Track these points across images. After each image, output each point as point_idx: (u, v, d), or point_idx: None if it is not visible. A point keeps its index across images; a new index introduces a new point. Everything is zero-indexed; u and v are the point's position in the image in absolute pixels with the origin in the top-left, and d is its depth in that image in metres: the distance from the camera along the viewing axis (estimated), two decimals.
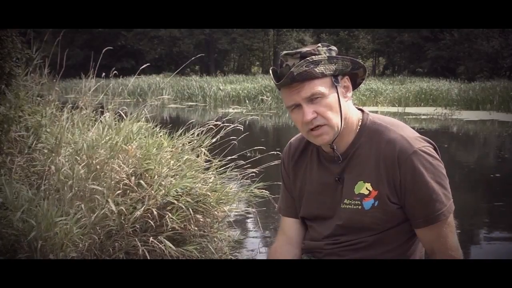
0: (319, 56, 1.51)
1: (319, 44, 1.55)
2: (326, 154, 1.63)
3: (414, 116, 15.95)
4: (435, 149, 1.55)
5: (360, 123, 1.60)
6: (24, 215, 2.80)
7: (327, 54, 1.52)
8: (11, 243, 2.79)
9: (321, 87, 1.50)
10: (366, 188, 1.55)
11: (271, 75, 1.55)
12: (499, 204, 5.90)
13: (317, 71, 1.49)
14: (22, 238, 2.77)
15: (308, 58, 1.49)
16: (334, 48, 1.56)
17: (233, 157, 4.00)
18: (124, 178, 3.22)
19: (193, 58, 5.66)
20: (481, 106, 18.15)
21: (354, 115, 1.60)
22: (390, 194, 1.52)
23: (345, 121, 1.55)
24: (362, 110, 1.63)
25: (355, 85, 1.63)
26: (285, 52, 1.54)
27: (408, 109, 18.16)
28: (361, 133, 1.59)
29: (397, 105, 18.93)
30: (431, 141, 1.56)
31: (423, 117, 15.85)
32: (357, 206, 1.56)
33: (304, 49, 1.52)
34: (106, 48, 4.09)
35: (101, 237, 3.03)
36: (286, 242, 1.74)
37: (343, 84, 1.56)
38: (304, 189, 1.69)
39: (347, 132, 1.58)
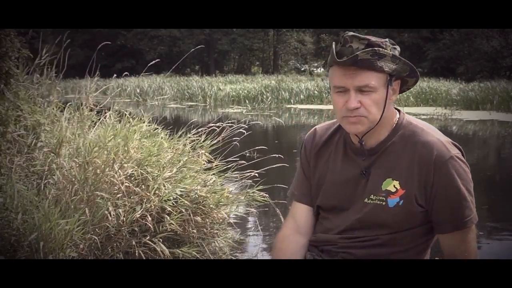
0: (385, 50, 1.49)
1: (387, 39, 1.54)
2: (354, 146, 1.63)
3: (414, 116, 15.88)
4: (463, 155, 1.56)
5: (395, 122, 1.60)
6: (26, 216, 2.80)
7: (392, 52, 1.51)
8: (11, 243, 2.79)
9: (375, 81, 1.49)
10: (394, 186, 1.54)
11: (332, 50, 1.49)
12: (499, 204, 5.90)
13: (379, 64, 1.48)
14: (22, 238, 2.77)
15: (375, 48, 1.47)
16: (398, 48, 1.55)
17: (233, 158, 3.99)
18: (124, 181, 3.22)
19: (192, 49, 5.59)
20: (481, 106, 18.13)
21: (391, 115, 1.60)
22: (418, 195, 1.52)
23: (382, 120, 1.55)
24: (398, 110, 1.64)
25: (400, 92, 1.63)
26: (352, 33, 1.50)
27: (408, 109, 18.11)
28: (396, 131, 1.59)
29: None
30: (460, 147, 1.57)
31: (423, 117, 15.82)
32: (381, 202, 1.55)
33: (373, 39, 1.50)
34: (102, 43, 4.08)
35: (101, 238, 3.02)
36: (295, 231, 1.73)
37: (394, 86, 1.56)
38: (324, 178, 1.67)
39: (380, 129, 1.57)
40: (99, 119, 3.91)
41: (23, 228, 2.77)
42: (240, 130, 4.09)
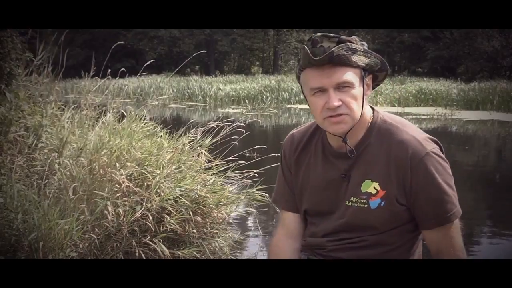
0: (356, 45, 1.49)
1: (354, 36, 1.54)
2: (333, 149, 1.61)
3: (414, 116, 15.94)
4: (441, 149, 1.54)
5: (370, 121, 1.58)
6: (26, 216, 2.81)
7: (362, 47, 1.51)
8: (11, 243, 2.79)
9: (352, 76, 1.48)
10: (374, 188, 1.53)
11: (306, 51, 1.47)
12: (499, 204, 5.90)
13: (353, 59, 1.47)
14: (22, 238, 2.77)
15: (347, 44, 1.47)
16: (365, 43, 1.55)
17: (233, 157, 3.99)
18: (125, 180, 3.22)
19: (195, 54, 5.63)
20: (481, 106, 18.14)
21: (367, 112, 1.58)
22: (398, 195, 1.51)
23: (361, 118, 1.54)
24: (372, 108, 1.62)
25: (372, 88, 1.62)
26: (321, 33, 1.49)
27: (408, 109, 18.15)
28: (371, 131, 1.57)
29: (396, 105, 18.93)
30: (438, 141, 1.55)
31: (423, 117, 15.84)
32: (363, 205, 1.55)
33: (341, 36, 1.50)
34: (116, 43, 4.09)
35: (101, 237, 3.03)
36: (286, 236, 1.73)
37: (367, 81, 1.55)
38: (307, 183, 1.66)
39: (359, 128, 1.56)
40: (99, 118, 3.91)
41: (22, 228, 2.77)
42: (239, 129, 4.09)
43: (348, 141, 1.55)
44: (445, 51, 33.68)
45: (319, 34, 1.49)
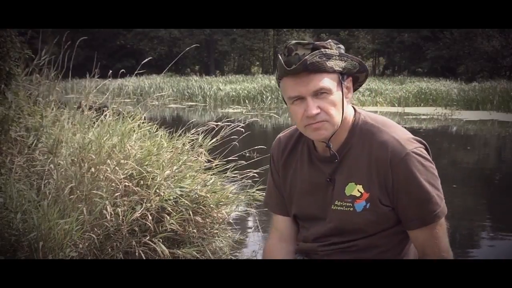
0: (331, 50, 1.49)
1: (330, 40, 1.53)
2: (318, 153, 1.61)
3: (414, 116, 15.95)
4: (426, 149, 1.53)
5: (352, 122, 1.58)
6: (26, 216, 2.81)
7: (337, 51, 1.51)
8: (11, 243, 2.79)
9: (329, 82, 1.47)
10: (358, 190, 1.53)
11: (280, 61, 1.47)
12: (499, 204, 5.90)
13: (328, 64, 1.46)
14: (22, 238, 2.77)
15: (322, 50, 1.47)
16: (342, 46, 1.54)
17: (233, 158, 4.00)
18: (123, 180, 3.22)
19: (188, 48, 5.66)
20: (481, 106, 18.15)
21: (349, 114, 1.58)
22: (381, 196, 1.51)
23: (343, 121, 1.53)
24: (355, 109, 1.61)
25: (353, 90, 1.61)
26: (295, 41, 1.49)
27: (408, 109, 18.16)
28: (353, 133, 1.56)
29: (397, 105, 18.94)
30: (423, 141, 1.54)
31: (423, 117, 15.84)
32: (348, 208, 1.54)
33: (317, 42, 1.50)
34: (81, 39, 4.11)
35: (100, 237, 3.03)
36: (280, 240, 1.73)
37: (347, 84, 1.54)
38: (295, 187, 1.66)
39: (342, 131, 1.55)
40: (98, 119, 3.91)
41: (22, 228, 2.77)
42: (238, 128, 4.09)
43: (331, 145, 1.55)
44: (445, 51, 33.70)
45: (293, 42, 1.49)
